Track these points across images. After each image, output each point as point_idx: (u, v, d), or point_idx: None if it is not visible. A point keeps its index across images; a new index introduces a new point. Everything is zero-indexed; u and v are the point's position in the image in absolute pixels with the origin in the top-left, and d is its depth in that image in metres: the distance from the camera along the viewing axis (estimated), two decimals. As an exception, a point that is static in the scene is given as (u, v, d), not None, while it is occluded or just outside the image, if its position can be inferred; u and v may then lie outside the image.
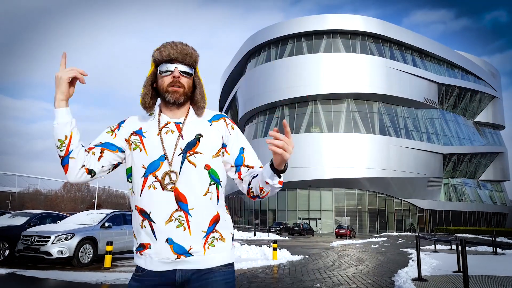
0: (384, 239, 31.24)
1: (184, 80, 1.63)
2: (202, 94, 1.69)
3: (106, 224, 10.63)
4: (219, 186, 1.63)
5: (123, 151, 1.66)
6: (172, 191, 1.54)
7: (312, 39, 50.45)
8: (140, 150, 1.60)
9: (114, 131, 1.68)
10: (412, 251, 16.24)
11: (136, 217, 1.60)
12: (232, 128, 1.71)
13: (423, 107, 53.38)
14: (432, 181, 51.56)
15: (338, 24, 49.73)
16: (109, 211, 11.57)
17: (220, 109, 71.59)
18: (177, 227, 1.52)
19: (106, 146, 1.64)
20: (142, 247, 1.58)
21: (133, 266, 10.23)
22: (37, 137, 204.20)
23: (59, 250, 9.26)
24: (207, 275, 1.56)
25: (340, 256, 14.60)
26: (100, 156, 1.63)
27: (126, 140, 1.66)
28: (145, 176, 1.57)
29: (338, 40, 50.01)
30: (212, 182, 1.60)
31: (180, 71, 1.62)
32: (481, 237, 36.11)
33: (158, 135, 1.62)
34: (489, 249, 17.38)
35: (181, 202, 1.54)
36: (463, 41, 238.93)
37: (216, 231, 1.59)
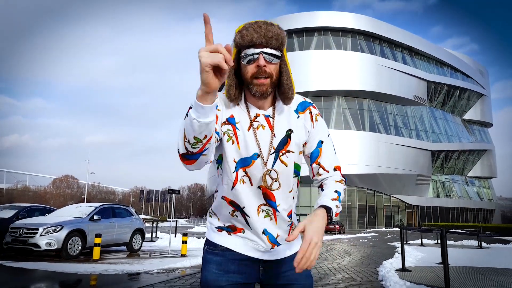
0: (373, 234, 31.60)
1: (271, 67, 1.44)
2: (290, 83, 1.50)
3: (95, 217, 10.66)
4: (299, 177, 1.60)
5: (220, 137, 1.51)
6: (260, 189, 1.50)
7: (303, 36, 50.60)
8: (233, 143, 1.49)
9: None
10: (399, 245, 16.48)
11: (224, 205, 1.55)
12: (316, 120, 1.59)
13: (412, 105, 53.93)
14: (421, 178, 52.19)
15: (329, 22, 49.95)
16: (98, 204, 11.60)
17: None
18: (264, 217, 1.53)
19: (216, 134, 1.44)
20: (232, 229, 1.57)
21: (122, 258, 10.27)
22: (1, 134, 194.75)
23: (47, 242, 9.29)
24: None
25: (328, 249, 14.79)
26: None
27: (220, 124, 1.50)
28: (236, 170, 1.50)
29: (329, 37, 50.24)
30: (294, 175, 1.56)
31: (265, 57, 1.42)
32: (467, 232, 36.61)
33: (249, 129, 1.50)
34: (475, 243, 17.75)
35: (269, 199, 1.52)
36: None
37: (291, 220, 1.60)
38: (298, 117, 1.56)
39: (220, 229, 1.59)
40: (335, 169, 1.56)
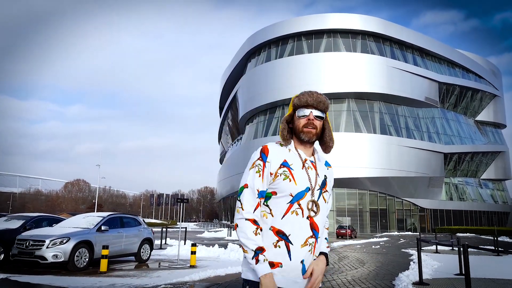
0: (385, 239, 31.06)
1: (317, 123, 1.96)
2: (331, 136, 2.03)
3: (103, 228, 10.47)
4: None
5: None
6: (308, 219, 1.85)
7: (313, 39, 50.27)
8: (290, 180, 1.86)
9: (261, 172, 1.88)
10: (413, 252, 16.06)
11: (270, 236, 1.83)
12: (331, 180, 2.07)
13: (424, 106, 53.15)
14: (433, 181, 51.35)
15: (338, 24, 49.54)
16: (105, 213, 11.41)
17: (221, 110, 71.49)
18: (308, 251, 1.84)
19: (261, 195, 1.88)
20: (270, 265, 1.79)
21: (129, 270, 10.06)
22: (42, 138, 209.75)
23: (54, 255, 9.11)
24: None
25: (340, 258, 14.44)
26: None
27: (271, 173, 1.88)
28: (291, 203, 1.85)
29: (339, 39, 49.81)
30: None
31: (314, 115, 1.95)
32: (483, 237, 35.94)
33: (302, 168, 1.91)
34: (491, 248, 17.19)
35: (315, 230, 1.86)
36: (472, 41, 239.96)
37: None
38: (327, 169, 2.04)
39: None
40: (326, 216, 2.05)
